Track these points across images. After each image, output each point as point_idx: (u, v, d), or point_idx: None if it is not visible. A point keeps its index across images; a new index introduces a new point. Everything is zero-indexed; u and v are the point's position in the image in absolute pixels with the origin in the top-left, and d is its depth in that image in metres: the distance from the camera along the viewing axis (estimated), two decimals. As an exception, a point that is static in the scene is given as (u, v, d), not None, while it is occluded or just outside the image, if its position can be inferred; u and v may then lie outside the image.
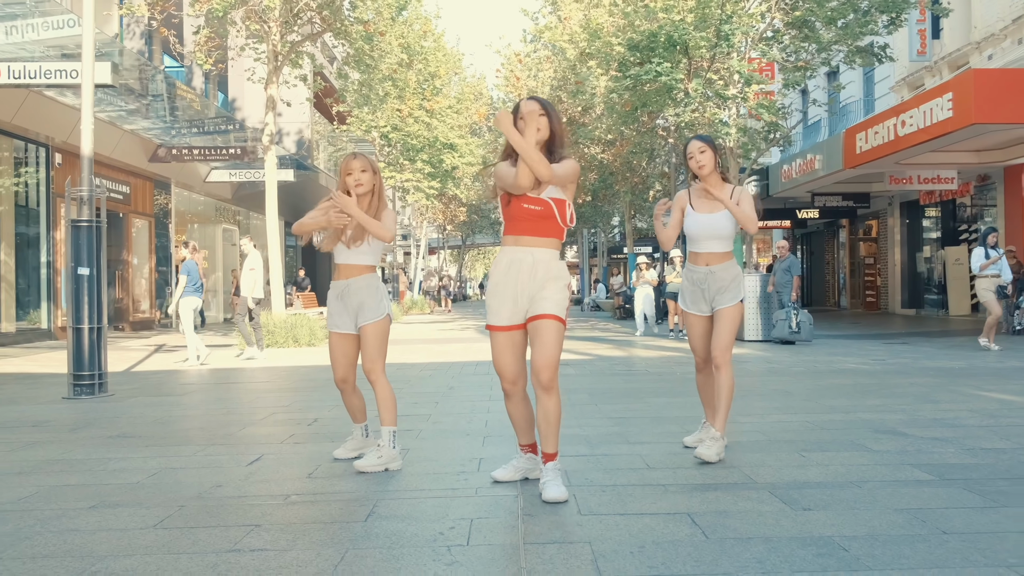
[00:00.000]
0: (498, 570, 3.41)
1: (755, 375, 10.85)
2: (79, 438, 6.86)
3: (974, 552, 3.52)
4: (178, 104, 22.06)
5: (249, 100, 33.09)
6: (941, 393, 8.65)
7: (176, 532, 4.06)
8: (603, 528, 3.97)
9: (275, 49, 18.14)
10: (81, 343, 9.99)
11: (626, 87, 18.57)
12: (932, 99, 16.77)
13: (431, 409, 8.06)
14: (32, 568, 3.55)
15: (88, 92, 10.73)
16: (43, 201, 20.16)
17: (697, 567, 3.39)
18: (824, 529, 3.89)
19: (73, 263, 10.04)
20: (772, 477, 4.96)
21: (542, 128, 4.50)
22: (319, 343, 17.56)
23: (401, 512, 4.33)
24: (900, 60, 26.24)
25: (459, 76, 38.60)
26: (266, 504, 4.57)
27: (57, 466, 5.71)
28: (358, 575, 3.38)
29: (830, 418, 7.08)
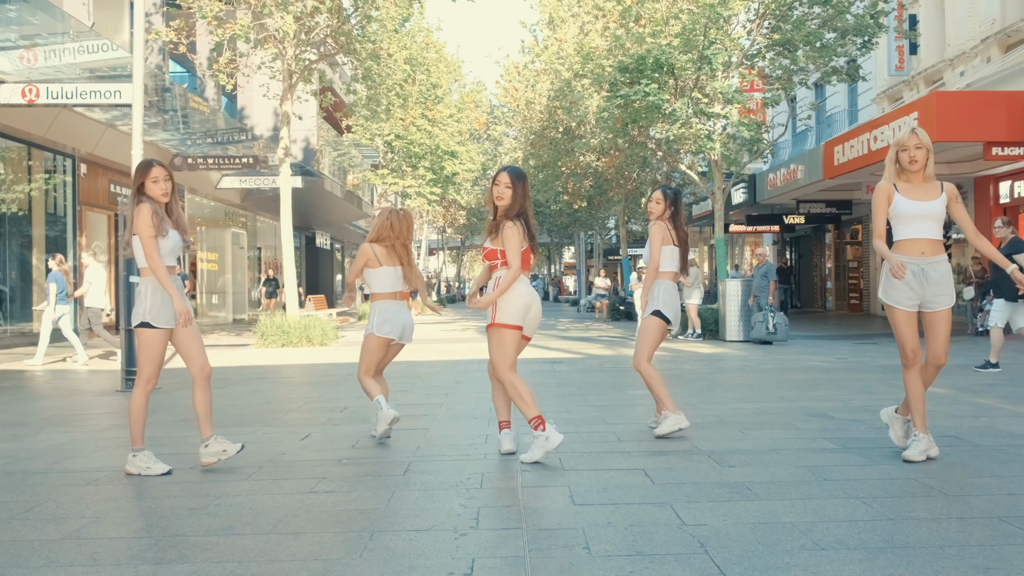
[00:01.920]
0: (503, 502, 4.92)
1: (727, 371, 12.35)
2: (151, 422, 8.30)
3: (838, 490, 5.04)
4: (193, 116, 23.53)
5: (258, 109, 34.57)
6: (880, 386, 10.16)
7: (264, 482, 5.56)
8: (579, 478, 5.49)
9: (290, 68, 19.57)
10: (132, 343, 11.46)
11: (617, 105, 20.08)
12: (900, 117, 18.22)
13: (442, 399, 9.56)
14: (166, 504, 5.05)
15: (138, 117, 12.28)
16: (69, 208, 21.63)
17: (643, 499, 4.91)
18: (740, 478, 5.41)
19: (126, 272, 11.51)
20: (714, 446, 6.47)
21: (505, 198, 6.02)
22: (331, 343, 19.01)
23: (429, 469, 5.85)
24: (880, 74, 27.78)
25: (459, 84, 39.95)
26: (325, 464, 6.07)
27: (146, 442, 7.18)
28: (405, 505, 4.88)
29: (776, 405, 8.58)
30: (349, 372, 12.95)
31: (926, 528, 4.27)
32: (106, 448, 6.90)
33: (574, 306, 46.80)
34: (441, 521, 4.54)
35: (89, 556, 4.06)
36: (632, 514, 4.60)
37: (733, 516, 4.53)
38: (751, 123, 19.42)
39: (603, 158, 30.50)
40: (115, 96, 16.00)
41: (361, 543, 4.17)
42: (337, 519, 4.63)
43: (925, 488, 5.07)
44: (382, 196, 34.47)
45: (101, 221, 23.38)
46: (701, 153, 21.34)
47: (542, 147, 33.01)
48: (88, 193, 22.37)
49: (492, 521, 4.54)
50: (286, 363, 14.86)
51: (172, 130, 23.93)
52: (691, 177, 22.40)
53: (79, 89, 16.68)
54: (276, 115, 34.20)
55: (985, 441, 6.51)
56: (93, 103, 16.59)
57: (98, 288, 15.89)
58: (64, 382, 12.34)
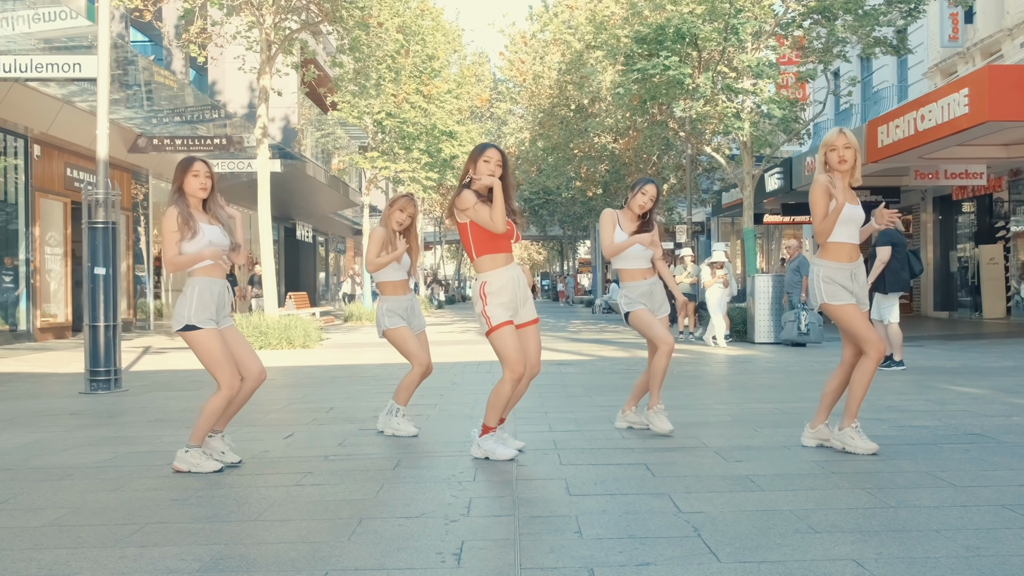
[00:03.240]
0: (496, 493, 5.46)
1: (751, 373, 12.87)
2: (122, 422, 8.88)
3: (844, 482, 5.57)
4: (159, 92, 24.03)
5: (232, 84, 35.13)
6: (911, 387, 10.68)
7: (248, 476, 6.09)
8: (577, 471, 6.02)
9: (268, 37, 20.06)
10: (97, 340, 12.00)
11: (634, 80, 20.58)
12: (949, 94, 18.70)
13: (436, 400, 10.10)
14: (147, 495, 5.59)
15: (104, 93, 12.76)
16: (22, 195, 22.14)
17: (641, 489, 5.44)
18: (744, 471, 5.94)
19: (90, 263, 12.06)
20: (722, 443, 7.00)
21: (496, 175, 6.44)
22: (314, 345, 19.54)
23: (421, 464, 6.39)
24: (932, 45, 28.27)
25: (459, 56, 40.39)
26: (311, 461, 6.61)
27: (118, 441, 7.73)
28: (395, 496, 5.42)
29: (796, 406, 9.11)
30: (335, 374, 13.48)
31: (925, 514, 4.79)
32: (77, 446, 7.43)
33: (588, 307, 47.20)
34: (431, 509, 5.08)
35: (73, 540, 4.60)
36: (628, 503, 5.13)
37: (732, 505, 5.06)
38: (784, 100, 19.91)
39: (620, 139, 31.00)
40: (76, 69, 16.49)
41: (349, 528, 4.71)
42: (325, 508, 5.17)
43: (934, 480, 5.59)
44: (371, 182, 34.91)
45: (56, 209, 23.87)
46: (729, 134, 21.81)
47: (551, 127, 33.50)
48: (42, 178, 22.85)
49: (484, 510, 5.07)
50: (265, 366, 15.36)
51: (135, 107, 24.44)
52: (718, 161, 22.88)
53: (35, 62, 17.19)
54: (252, 90, 34.75)
55: (1010, 439, 7.03)
56: (50, 77, 17.06)
57: None
58: (27, 384, 12.89)
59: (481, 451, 6.50)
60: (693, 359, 15.36)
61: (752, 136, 20.67)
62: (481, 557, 4.20)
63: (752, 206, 21.71)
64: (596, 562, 4.08)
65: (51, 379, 13.68)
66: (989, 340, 19.19)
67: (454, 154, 33.96)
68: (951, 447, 6.71)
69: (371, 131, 33.26)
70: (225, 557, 4.26)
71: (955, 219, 30.44)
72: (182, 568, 4.11)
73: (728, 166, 22.78)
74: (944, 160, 23.63)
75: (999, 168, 25.35)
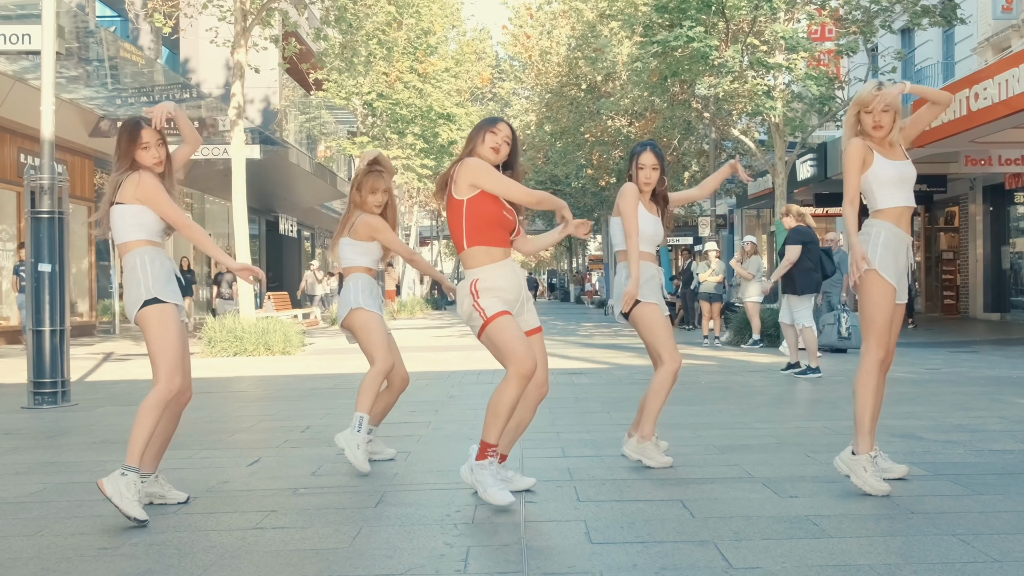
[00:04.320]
0: (499, 540, 4.79)
1: (789, 383, 12.22)
2: (61, 444, 8.24)
3: (929, 526, 4.89)
4: (124, 69, 23.44)
5: (205, 61, 34.51)
6: (978, 401, 10.03)
7: (197, 516, 5.43)
8: (598, 511, 5.35)
9: (243, 7, 19.46)
10: (42, 347, 11.34)
11: (653, 54, 19.94)
12: (1009, 68, 18.05)
13: (431, 417, 9.44)
14: (71, 542, 4.93)
15: (49, 65, 12.12)
16: (-30, 184, 21.59)
17: (679, 536, 4.77)
18: (803, 510, 5.26)
19: (34, 258, 11.40)
20: (770, 473, 6.33)
21: (503, 152, 5.77)
22: (295, 351, 18.92)
23: (408, 500, 5.72)
24: (983, 18, 27.61)
25: (457, 31, 39.86)
26: (277, 495, 5.95)
27: (52, 468, 7.08)
28: (375, 545, 4.75)
29: (849, 424, 8.43)
30: (316, 385, 12.85)
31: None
32: (2, 475, 6.80)
33: (600, 308, 46.69)
34: (419, 564, 4.41)
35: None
36: (665, 555, 4.46)
37: (795, 558, 4.39)
38: (821, 76, 19.28)
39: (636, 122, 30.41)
40: (24, 41, 15.87)
41: (315, 590, 4.05)
42: (287, 561, 4.50)
43: (1041, 524, 4.93)
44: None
45: (9, 199, 23.31)
46: (759, 115, 21.21)
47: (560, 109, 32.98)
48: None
49: (485, 564, 4.41)
50: (238, 375, 14.77)
51: (97, 86, 23.82)
52: (747, 146, 22.29)
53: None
54: (228, 69, 34.16)
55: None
56: None
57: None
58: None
59: (472, 478, 5.63)
60: (721, 368, 14.71)
61: (785, 117, 20.04)
62: (481, 633, 3.54)
63: (784, 196, 21.07)
64: (630, 642, 3.42)
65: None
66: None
67: (452, 139, 33.42)
68: (1047, 478, 6.05)
69: (360, 114, 32.77)
70: (152, 633, 3.60)
71: (1008, 210, 29.77)
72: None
73: (758, 152, 22.15)
74: (998, 144, 22.99)
75: (1059, 154, 24.72)
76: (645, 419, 6.71)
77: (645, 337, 6.81)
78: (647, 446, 6.69)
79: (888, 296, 5.80)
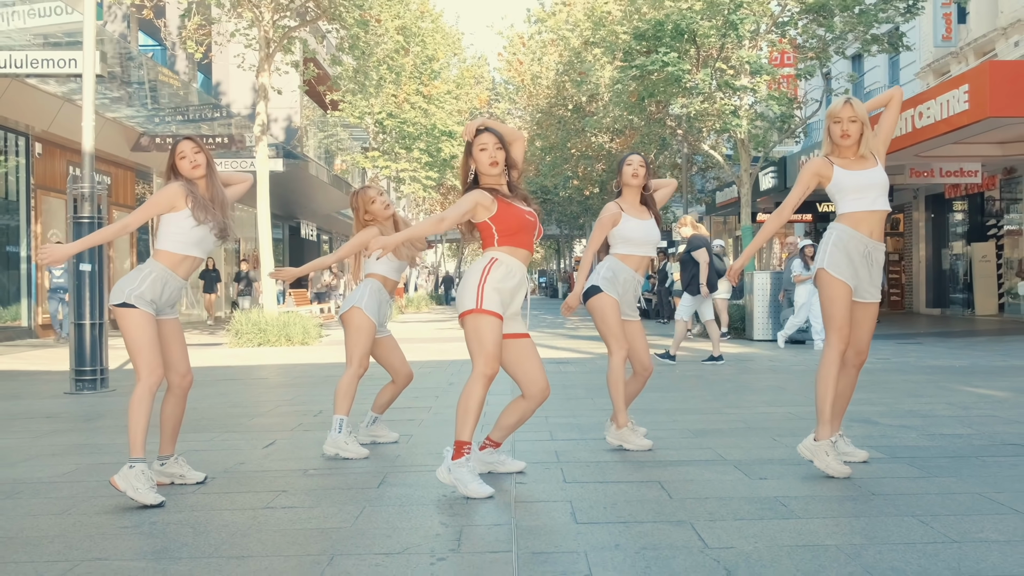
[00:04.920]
0: (491, 520, 4.54)
1: (755, 372, 11.99)
2: (96, 427, 7.99)
3: (890, 507, 4.65)
4: (162, 91, 23.19)
5: (235, 84, 34.23)
6: (926, 388, 9.78)
7: (213, 496, 5.18)
8: (583, 492, 5.10)
9: (267, 35, 19.24)
10: (83, 339, 11.11)
11: (632, 77, 19.73)
12: (948, 91, 17.82)
13: (431, 402, 9.19)
14: (95, 521, 4.68)
15: (89, 86, 11.88)
16: (23, 193, 21.28)
17: (658, 516, 4.53)
18: (772, 492, 5.02)
19: (75, 259, 11.15)
20: (741, 456, 6.09)
21: (499, 160, 5.35)
22: (313, 342, 18.68)
23: (408, 481, 5.47)
24: (925, 45, 27.36)
25: (458, 57, 39.65)
26: (288, 475, 5.70)
27: (86, 449, 6.83)
28: (376, 524, 4.50)
29: (812, 410, 8.19)
30: (331, 372, 12.60)
31: (998, 552, 3.88)
32: (40, 456, 6.54)
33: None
34: (416, 543, 4.16)
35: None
36: (645, 535, 4.22)
37: (766, 537, 4.15)
38: (782, 97, 19.07)
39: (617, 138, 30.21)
40: (69, 65, 15.60)
41: (318, 569, 3.80)
42: (293, 540, 4.25)
43: (992, 504, 4.68)
44: (372, 181, 34.18)
45: (59, 207, 23.00)
46: (726, 132, 20.99)
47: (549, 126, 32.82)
48: (44, 176, 22.03)
49: (477, 543, 4.16)
50: (261, 363, 14.53)
51: (138, 106, 23.57)
52: (715, 159, 22.06)
53: (29, 57, 16.31)
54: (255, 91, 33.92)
55: (1057, 450, 6.13)
56: (45, 72, 16.19)
57: None
58: (14, 383, 12.03)
59: (450, 478, 5.15)
60: (694, 358, 14.46)
61: (749, 134, 19.82)
62: (472, 612, 3.30)
63: (749, 204, 20.85)
64: (613, 621, 3.18)
65: (40, 377, 12.80)
66: (987, 337, 18.29)
67: (454, 153, 33.25)
68: (995, 461, 5.80)
69: (372, 131, 32.60)
70: (161, 612, 3.36)
71: (947, 217, 29.57)
72: (104, 629, 3.21)
73: (725, 165, 21.94)
74: (939, 158, 22.79)
75: (993, 166, 24.47)
76: (615, 409, 6.47)
77: (597, 325, 6.55)
78: (624, 432, 6.45)
79: (841, 292, 5.49)
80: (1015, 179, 24.64)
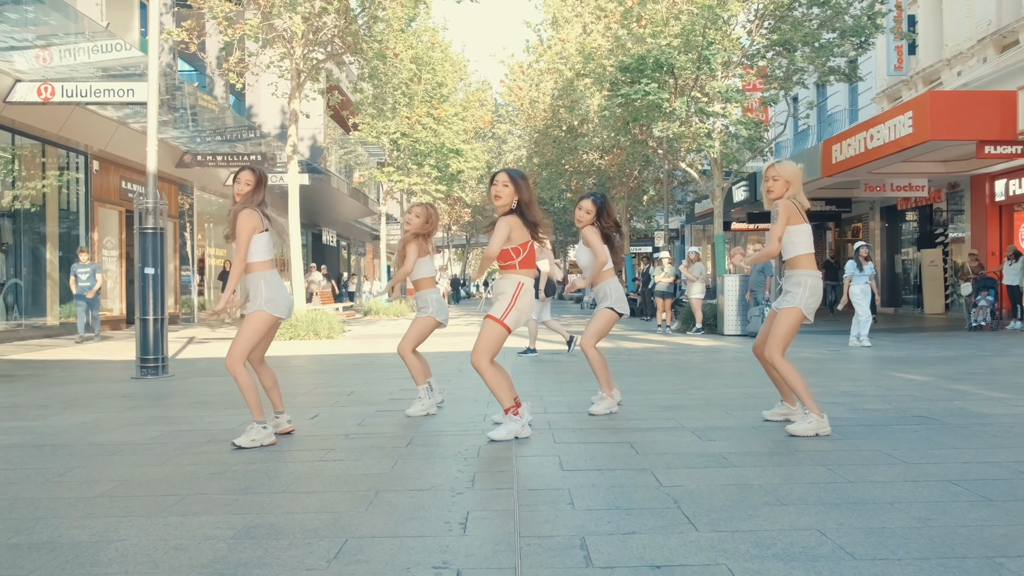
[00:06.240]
0: (498, 468, 5.36)
1: (721, 361, 12.78)
2: (167, 404, 8.79)
3: (807, 459, 5.47)
4: (202, 114, 23.98)
5: (266, 107, 35.04)
6: (864, 374, 10.59)
7: (278, 452, 6.00)
8: (568, 449, 5.92)
9: (298, 67, 20.02)
10: (147, 331, 11.91)
11: (618, 104, 20.52)
12: (895, 116, 18.62)
13: (444, 385, 9.99)
14: (188, 470, 5.50)
15: (153, 114, 12.73)
16: (82, 205, 22.09)
17: (626, 465, 5.35)
18: (718, 449, 5.84)
19: (141, 264, 11.96)
20: (698, 424, 6.90)
21: (503, 196, 6.26)
22: (337, 336, 19.45)
23: (430, 443, 6.29)
24: (880, 74, 28.16)
25: (464, 83, 40.34)
26: (333, 439, 6.51)
27: (164, 421, 7.63)
28: (408, 471, 5.32)
29: (763, 391, 9.00)
30: (356, 362, 13.39)
31: (880, 488, 4.70)
32: (127, 425, 7.34)
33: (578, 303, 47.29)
34: (440, 483, 4.98)
35: (122, 510, 4.50)
36: (615, 478, 5.03)
37: (707, 480, 4.96)
38: (749, 122, 19.84)
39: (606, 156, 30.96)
40: (128, 95, 16.44)
41: (367, 500, 4.61)
42: (345, 481, 5.07)
43: (887, 458, 5.49)
44: (388, 194, 34.93)
45: (112, 217, 23.81)
46: (702, 151, 21.73)
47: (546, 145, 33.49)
48: (100, 190, 22.82)
49: (486, 483, 4.98)
50: (294, 354, 15.29)
51: (182, 128, 24.37)
52: (692, 175, 22.80)
53: (93, 88, 17.14)
54: (284, 113, 34.66)
55: (954, 420, 6.93)
56: (107, 101, 17.03)
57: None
58: (85, 370, 12.79)
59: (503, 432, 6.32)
60: (671, 350, 15.26)
61: (722, 153, 20.58)
62: (484, 526, 4.11)
63: (722, 215, 21.62)
64: (587, 531, 3.99)
65: (107, 366, 13.58)
66: (930, 333, 19.10)
67: (460, 169, 33.96)
68: (901, 428, 6.61)
69: (388, 149, 33.29)
70: (256, 526, 4.16)
71: (900, 226, 30.34)
72: (218, 535, 4.02)
73: (701, 180, 22.69)
74: (890, 175, 23.63)
75: (938, 182, 25.31)
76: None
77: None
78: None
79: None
80: (958, 192, 25.45)
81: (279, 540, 3.94)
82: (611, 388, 7.70)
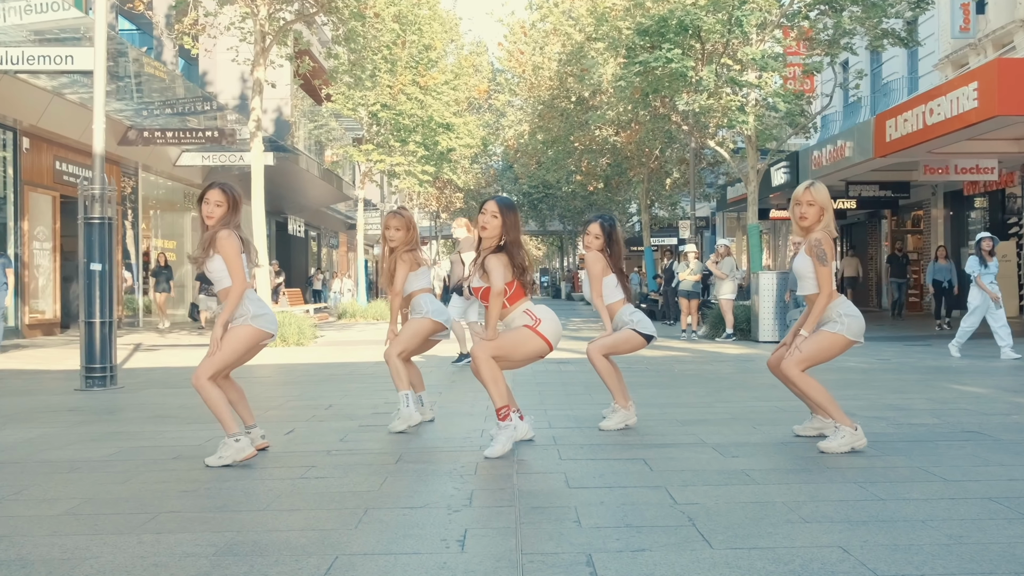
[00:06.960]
0: (497, 485, 5.81)
1: (753, 372, 13.23)
2: (121, 418, 9.25)
3: (838, 476, 5.93)
4: (149, 83, 24.32)
5: (222, 75, 35.42)
6: (914, 387, 11.05)
7: (252, 470, 6.44)
8: (576, 466, 6.38)
9: (262, 29, 20.37)
10: (93, 337, 12.33)
11: (636, 73, 20.90)
12: (958, 87, 18.99)
13: (435, 397, 10.38)
14: (156, 487, 5.95)
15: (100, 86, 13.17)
16: (11, 189, 22.47)
17: (639, 483, 5.80)
18: (740, 466, 6.30)
19: (86, 259, 12.39)
20: (720, 440, 7.35)
21: (490, 229, 6.94)
22: (308, 343, 19.86)
23: (422, 459, 6.75)
24: (943, 36, 28.58)
25: (456, 45, 40.58)
26: (313, 455, 6.97)
27: (120, 436, 8.08)
28: (399, 489, 5.77)
29: (797, 404, 9.36)
30: (332, 372, 13.84)
31: (913, 507, 5.15)
32: (80, 441, 7.78)
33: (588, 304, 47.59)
34: (435, 500, 5.43)
35: (90, 527, 4.95)
36: (625, 495, 5.49)
37: (727, 497, 5.41)
38: (789, 94, 20.24)
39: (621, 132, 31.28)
40: (68, 62, 16.83)
41: (356, 517, 5.06)
42: (331, 499, 5.52)
43: (926, 475, 5.94)
44: (366, 175, 35.17)
45: (45, 203, 24.17)
46: (733, 127, 22.09)
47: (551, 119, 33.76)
48: (31, 171, 23.16)
49: (485, 500, 5.43)
50: (258, 363, 15.66)
51: (126, 99, 24.73)
52: (722, 155, 23.20)
53: (26, 54, 17.54)
54: (244, 81, 35.03)
55: (1007, 436, 7.39)
56: (43, 69, 17.42)
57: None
58: (20, 381, 13.23)
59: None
60: (695, 358, 15.72)
61: (757, 130, 20.96)
62: (483, 544, 4.55)
63: (757, 201, 22.02)
64: (594, 548, 4.43)
65: (44, 376, 14.03)
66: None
67: (451, 147, 34.00)
68: (947, 444, 7.06)
69: (366, 123, 33.43)
70: (238, 543, 4.61)
71: (967, 215, 30.74)
72: (198, 552, 4.46)
73: (733, 161, 23.09)
74: (954, 155, 23.94)
75: (1011, 163, 25.66)
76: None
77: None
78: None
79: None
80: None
81: (264, 557, 4.38)
82: (626, 400, 8.11)
